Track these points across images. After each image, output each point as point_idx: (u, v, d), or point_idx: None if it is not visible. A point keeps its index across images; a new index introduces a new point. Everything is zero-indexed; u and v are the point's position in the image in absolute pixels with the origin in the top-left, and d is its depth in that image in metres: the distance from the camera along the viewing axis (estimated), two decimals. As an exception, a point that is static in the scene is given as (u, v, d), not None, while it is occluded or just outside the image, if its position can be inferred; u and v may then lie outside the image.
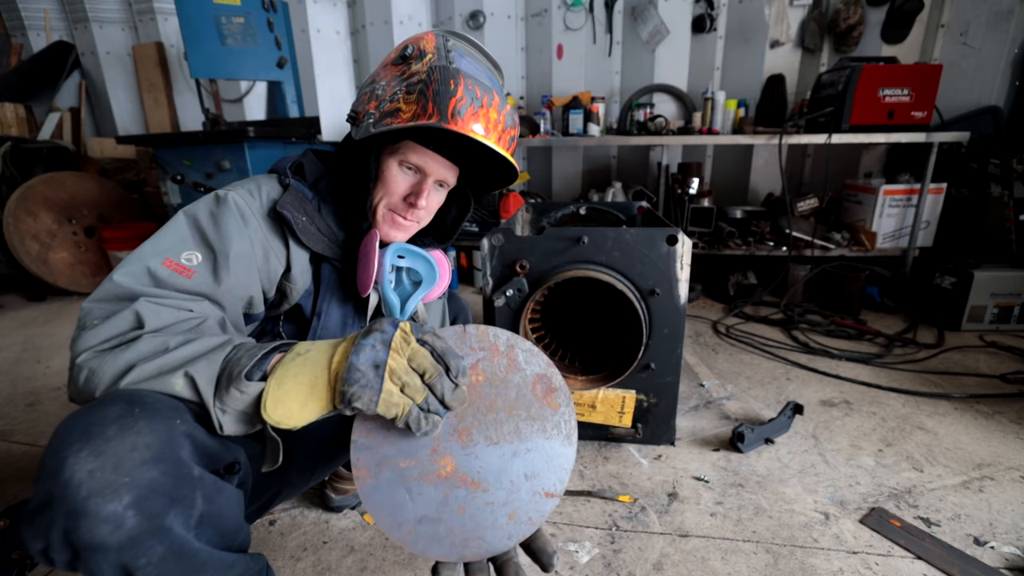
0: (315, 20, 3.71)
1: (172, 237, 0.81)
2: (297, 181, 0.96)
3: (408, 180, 0.96)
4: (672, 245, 1.38)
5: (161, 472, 0.59)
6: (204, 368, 0.66)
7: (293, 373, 0.65)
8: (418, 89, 0.86)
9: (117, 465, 0.57)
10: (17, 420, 1.81)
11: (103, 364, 0.67)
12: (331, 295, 1.00)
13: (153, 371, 0.66)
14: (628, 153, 3.73)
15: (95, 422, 0.59)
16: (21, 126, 3.76)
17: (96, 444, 0.57)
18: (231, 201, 0.85)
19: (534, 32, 3.67)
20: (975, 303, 2.43)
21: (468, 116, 0.86)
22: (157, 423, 0.61)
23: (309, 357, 0.66)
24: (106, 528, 0.55)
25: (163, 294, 0.75)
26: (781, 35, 3.22)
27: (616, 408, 1.57)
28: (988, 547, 1.18)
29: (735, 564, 1.14)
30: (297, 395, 0.64)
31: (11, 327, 2.81)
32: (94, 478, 0.55)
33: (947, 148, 2.82)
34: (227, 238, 0.83)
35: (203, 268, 0.80)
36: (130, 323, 0.71)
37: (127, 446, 0.58)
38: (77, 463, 0.56)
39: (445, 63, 0.88)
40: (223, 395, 0.65)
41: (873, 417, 1.74)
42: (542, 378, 0.73)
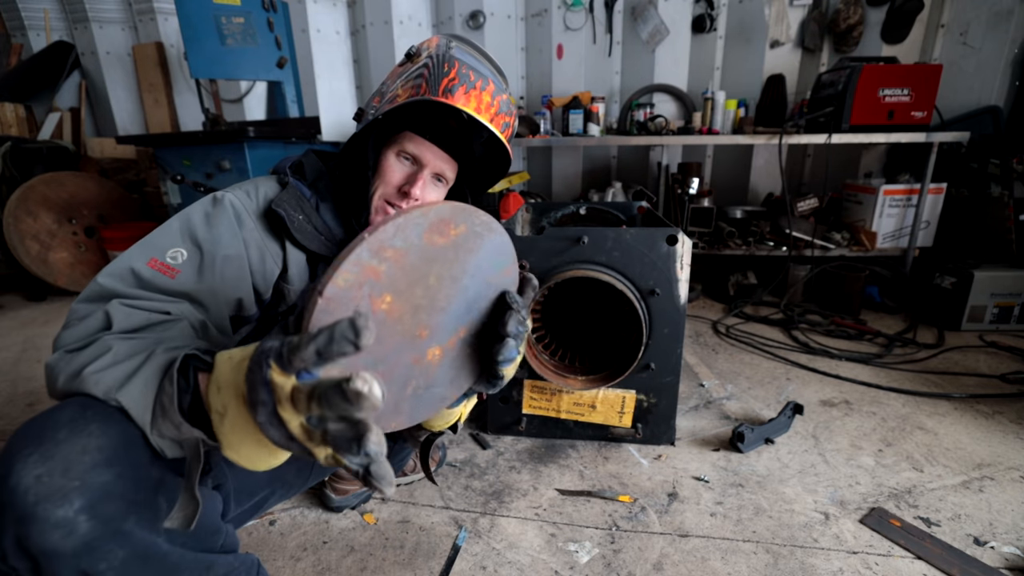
0: (315, 20, 3.70)
1: (163, 236, 0.80)
2: (296, 180, 0.96)
3: (404, 170, 0.96)
4: (672, 245, 1.38)
5: (116, 475, 0.57)
6: (140, 395, 0.60)
7: (238, 440, 0.56)
8: (415, 74, 0.90)
9: (66, 469, 0.55)
10: (17, 420, 1.81)
11: (61, 367, 0.65)
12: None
13: (89, 383, 0.62)
14: (628, 153, 3.73)
15: (47, 426, 0.58)
16: (21, 126, 3.76)
17: (46, 448, 0.55)
18: (227, 202, 0.85)
19: (534, 32, 3.67)
20: (975, 303, 2.43)
21: (459, 95, 0.88)
22: (111, 425, 0.59)
23: (235, 422, 0.55)
24: (57, 534, 0.53)
25: (141, 295, 0.74)
26: (781, 35, 3.22)
27: (616, 408, 1.57)
28: (988, 547, 1.18)
29: (735, 564, 1.14)
30: (258, 454, 0.57)
31: (11, 327, 2.81)
32: (41, 483, 0.54)
33: (947, 148, 2.82)
34: (218, 239, 0.82)
35: (187, 266, 0.79)
36: (99, 324, 0.68)
37: (77, 448, 0.56)
38: (25, 468, 0.54)
39: (444, 51, 0.91)
40: (160, 426, 0.60)
41: (873, 417, 1.74)
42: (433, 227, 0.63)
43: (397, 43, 3.67)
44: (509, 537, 1.23)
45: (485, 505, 1.34)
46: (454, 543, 1.21)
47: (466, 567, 1.14)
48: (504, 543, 1.21)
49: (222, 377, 0.56)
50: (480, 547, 1.20)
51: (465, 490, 1.40)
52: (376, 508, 1.34)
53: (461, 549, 1.19)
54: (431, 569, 1.13)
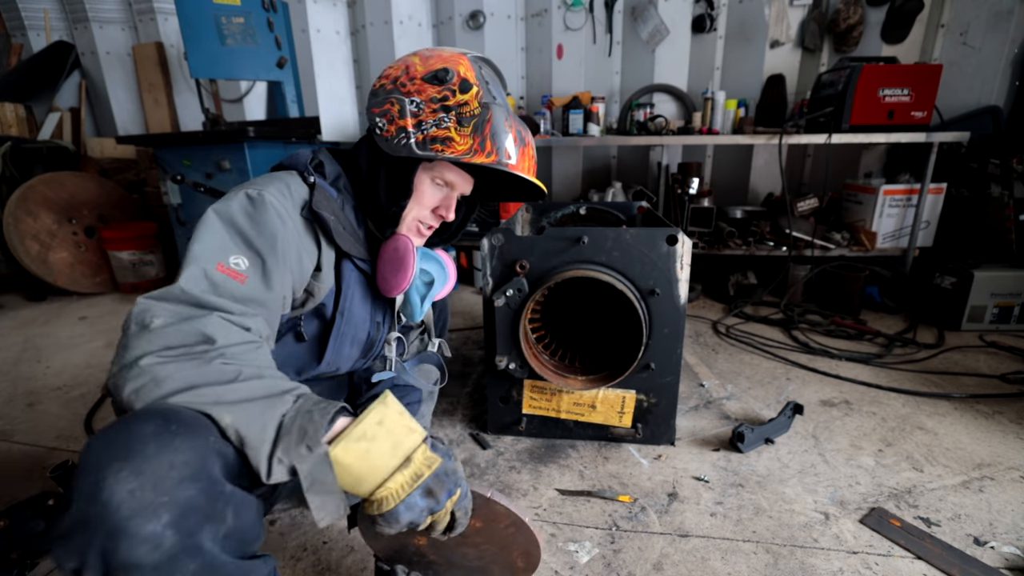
0: (315, 20, 3.70)
1: (216, 240, 0.79)
2: (321, 179, 0.97)
3: (439, 195, 1.01)
4: (672, 245, 1.38)
5: (198, 490, 0.60)
6: (259, 416, 0.68)
7: (352, 460, 0.70)
8: (473, 124, 0.92)
9: (156, 484, 0.57)
10: (17, 420, 1.81)
11: (166, 374, 0.66)
12: (353, 293, 1.01)
13: (210, 399, 0.66)
14: (628, 153, 3.73)
15: (133, 439, 0.59)
16: (21, 126, 3.76)
17: (136, 463, 0.57)
18: (268, 202, 0.85)
19: (534, 32, 3.67)
20: (975, 303, 2.43)
21: (519, 158, 0.96)
22: (194, 440, 0.62)
23: (372, 454, 0.71)
24: (145, 548, 0.55)
25: (228, 305, 0.75)
26: (781, 35, 3.22)
27: (616, 408, 1.57)
28: (988, 547, 1.18)
29: (735, 564, 1.14)
30: (347, 479, 0.70)
31: (11, 327, 2.81)
32: (135, 498, 0.56)
33: (947, 148, 2.82)
34: (271, 241, 0.83)
35: (252, 273, 0.80)
36: (198, 335, 0.70)
37: (165, 464, 0.58)
38: (117, 483, 0.56)
39: (491, 99, 0.94)
40: (290, 449, 0.67)
41: (873, 417, 1.74)
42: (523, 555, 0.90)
43: (397, 43, 3.67)
44: (509, 537, 1.23)
45: (485, 505, 1.34)
46: (454, 543, 1.21)
47: (466, 567, 1.14)
48: (504, 543, 1.21)
49: (390, 421, 0.73)
50: (480, 547, 1.20)
51: (465, 490, 1.40)
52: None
53: (461, 549, 1.19)
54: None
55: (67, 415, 1.83)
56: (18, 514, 1.15)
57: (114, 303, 3.23)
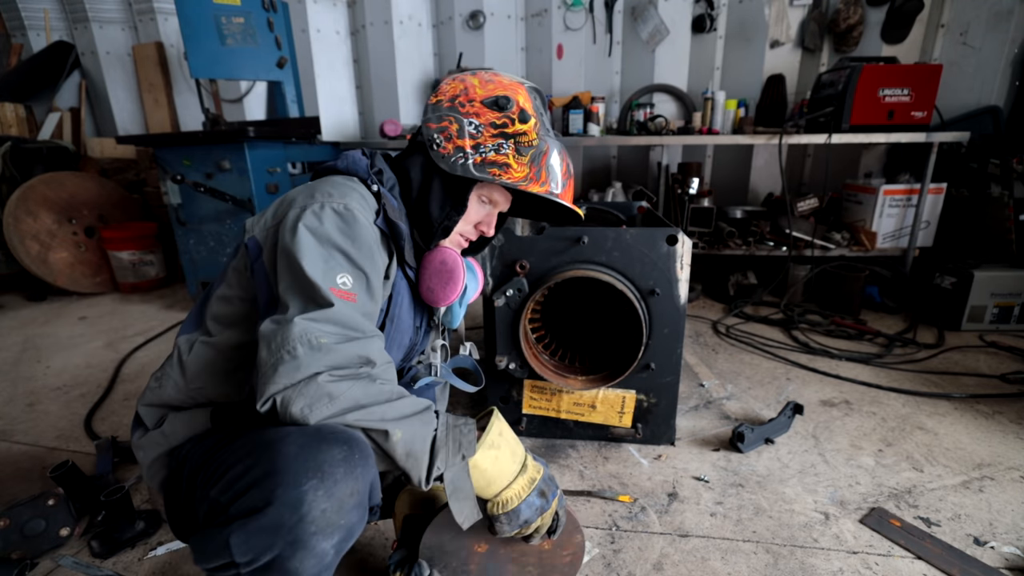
0: (315, 20, 3.70)
1: (318, 259, 0.80)
2: (384, 189, 0.98)
3: (483, 211, 1.06)
4: (672, 245, 1.38)
5: (359, 516, 0.69)
6: (420, 430, 0.78)
7: (484, 466, 0.83)
8: (531, 155, 0.98)
9: (340, 508, 0.66)
10: (17, 420, 1.81)
11: (339, 392, 0.72)
12: (403, 300, 1.03)
13: (377, 417, 0.74)
14: (628, 153, 3.73)
15: (326, 460, 0.66)
16: (21, 126, 3.76)
17: (328, 484, 0.65)
18: (357, 215, 0.86)
19: (534, 32, 3.67)
20: (975, 303, 2.43)
21: (567, 190, 1.04)
22: (367, 470, 0.71)
23: (501, 460, 0.85)
24: (312, 562, 0.64)
25: (370, 330, 0.81)
26: (781, 35, 3.22)
27: (616, 408, 1.57)
28: (988, 547, 1.18)
29: (735, 564, 1.14)
30: (478, 481, 0.83)
31: (11, 327, 2.81)
32: (324, 517, 0.64)
33: (947, 148, 2.82)
34: (369, 256, 0.86)
35: (359, 290, 0.82)
36: (361, 359, 0.77)
37: (348, 491, 0.67)
38: (316, 500, 0.64)
39: (546, 133, 1.01)
40: (449, 456, 0.79)
41: (873, 417, 1.74)
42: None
43: (397, 43, 3.67)
44: (509, 537, 1.23)
45: (485, 505, 1.34)
46: (454, 543, 1.21)
47: (466, 567, 1.14)
48: (504, 543, 1.21)
49: (507, 432, 0.89)
50: (480, 547, 1.20)
51: (465, 490, 1.40)
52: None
53: (461, 549, 1.19)
54: (431, 569, 1.13)
55: (67, 415, 1.83)
56: (18, 514, 1.15)
57: (114, 303, 3.23)
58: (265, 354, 0.74)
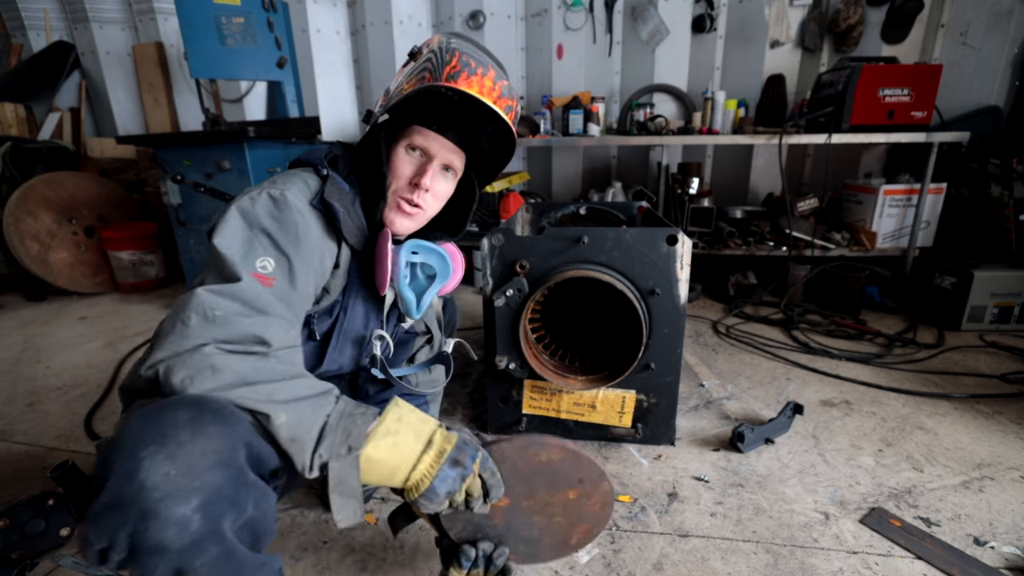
0: (315, 20, 3.70)
1: (241, 244, 0.80)
2: (335, 173, 0.98)
3: (414, 163, 0.99)
4: (672, 245, 1.38)
5: (225, 477, 0.62)
6: (309, 415, 0.72)
7: (382, 456, 0.76)
8: (420, 68, 0.93)
9: (189, 469, 0.59)
10: (17, 420, 1.81)
11: (224, 365, 0.69)
12: (356, 291, 1.01)
13: (263, 396, 0.70)
14: (628, 153, 3.73)
15: (168, 424, 0.61)
16: (21, 126, 3.76)
17: (171, 448, 0.59)
18: (292, 202, 0.85)
19: (534, 32, 3.67)
20: (975, 303, 2.43)
21: (462, 80, 0.91)
22: (224, 427, 0.64)
23: (400, 445, 0.77)
24: (173, 531, 0.57)
25: (278, 311, 0.78)
26: (781, 35, 3.22)
27: (616, 408, 1.57)
28: (988, 547, 1.18)
29: (735, 564, 1.14)
30: (380, 473, 0.76)
31: (11, 327, 2.81)
32: (169, 481, 0.58)
33: (947, 148, 2.82)
34: (296, 243, 0.84)
35: (279, 274, 0.81)
36: (256, 335, 0.74)
37: (198, 450, 0.60)
38: (154, 465, 0.58)
39: (446, 45, 0.94)
40: (333, 446, 0.72)
41: (873, 417, 1.74)
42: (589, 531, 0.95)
43: (397, 43, 3.67)
44: (509, 537, 1.23)
45: (485, 505, 1.34)
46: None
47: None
48: (504, 543, 1.21)
49: (407, 415, 0.80)
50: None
51: (465, 490, 1.40)
52: (376, 508, 1.34)
53: (461, 549, 1.19)
54: (431, 569, 1.13)
55: (67, 415, 1.83)
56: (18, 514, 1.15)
57: (114, 303, 3.23)
58: (165, 322, 0.73)
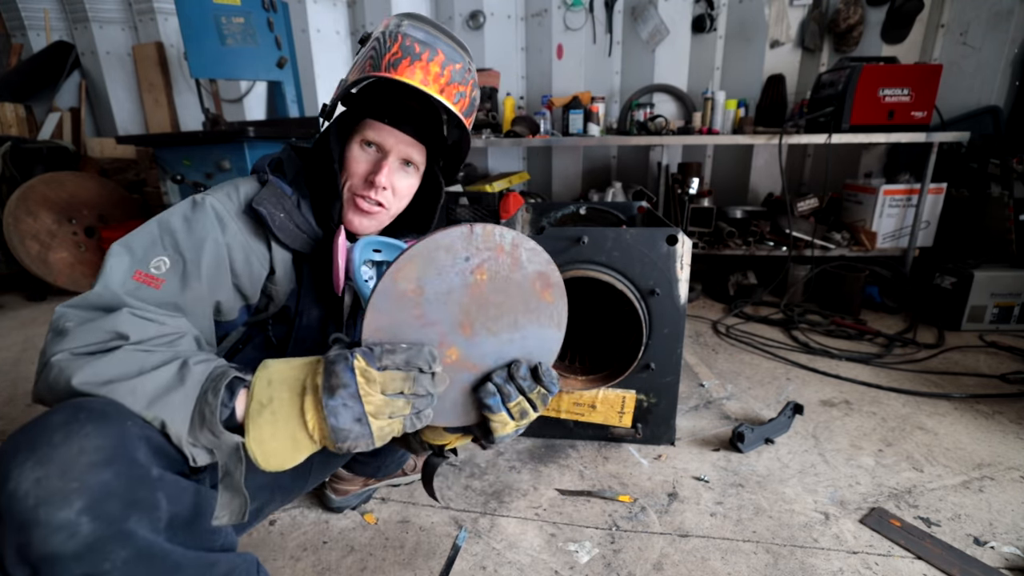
0: (315, 20, 3.70)
1: (143, 243, 0.78)
2: (276, 177, 0.94)
3: (369, 159, 0.94)
4: (672, 245, 1.38)
5: (114, 474, 0.56)
6: (180, 405, 0.64)
7: (270, 433, 0.64)
8: (364, 57, 0.90)
9: (64, 471, 0.54)
10: (17, 420, 1.81)
11: (77, 367, 0.63)
12: (309, 294, 0.97)
13: (126, 393, 0.63)
14: (628, 153, 3.73)
15: (41, 431, 0.56)
16: (21, 126, 3.76)
17: (42, 452, 0.55)
18: (208, 205, 0.83)
19: (534, 32, 3.67)
20: (975, 303, 2.43)
21: (403, 67, 0.85)
22: (107, 426, 0.58)
23: (278, 412, 0.65)
24: (59, 537, 0.53)
25: (142, 306, 0.72)
26: (781, 35, 3.22)
27: (616, 408, 1.57)
28: (988, 547, 1.18)
29: (735, 564, 1.14)
30: (283, 449, 0.65)
31: (11, 327, 2.81)
32: (40, 486, 0.53)
33: (947, 148, 2.82)
34: (199, 244, 0.80)
35: (171, 275, 0.77)
36: (111, 333, 0.67)
37: (74, 450, 0.55)
38: (22, 473, 0.53)
39: (392, 30, 0.88)
40: (196, 434, 0.63)
41: (873, 417, 1.74)
42: (541, 275, 0.76)
43: (397, 43, 3.67)
44: (509, 537, 1.23)
45: (485, 505, 1.34)
46: (454, 543, 1.21)
47: (466, 567, 1.14)
48: (504, 543, 1.21)
49: (277, 374, 0.67)
50: (480, 547, 1.20)
51: (465, 490, 1.40)
52: (376, 508, 1.34)
53: (461, 549, 1.19)
54: (431, 569, 1.13)
55: (67, 415, 1.83)
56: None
57: (114, 303, 3.23)
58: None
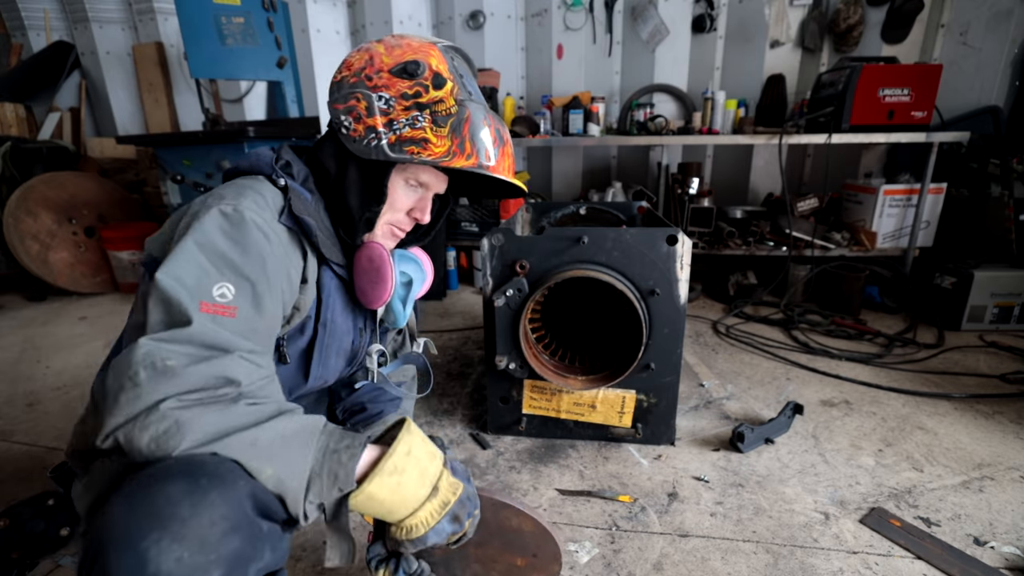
0: (315, 20, 3.70)
1: (191, 272, 0.70)
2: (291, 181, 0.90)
3: (413, 196, 0.96)
4: (672, 245, 1.38)
5: (241, 539, 0.59)
6: (298, 461, 0.67)
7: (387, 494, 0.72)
8: (451, 124, 0.86)
9: (202, 546, 0.56)
10: (17, 420, 1.81)
11: (190, 418, 0.62)
12: (334, 303, 0.96)
13: (241, 449, 0.64)
14: (628, 153, 3.73)
15: (163, 504, 0.56)
16: (21, 126, 3.76)
17: (174, 528, 0.55)
18: (248, 219, 0.76)
19: (534, 32, 3.67)
20: (975, 303, 2.43)
21: (499, 158, 0.92)
22: (227, 490, 0.60)
23: (404, 485, 0.73)
24: None
25: (241, 345, 0.71)
26: (781, 35, 3.22)
27: (616, 408, 1.57)
28: (988, 547, 1.18)
29: (735, 564, 1.14)
30: (381, 508, 0.73)
31: (11, 327, 2.81)
32: (182, 564, 0.54)
33: (947, 148, 2.82)
34: (260, 263, 0.76)
35: (241, 301, 0.73)
36: (220, 378, 0.66)
37: (205, 522, 0.57)
38: (161, 554, 0.53)
39: (467, 96, 0.89)
40: (320, 490, 0.68)
41: (873, 417, 1.74)
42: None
43: (396, 43, 3.67)
44: (509, 537, 1.23)
45: (485, 505, 1.34)
46: (454, 543, 1.21)
47: (466, 567, 1.14)
48: (504, 543, 1.21)
49: (416, 449, 0.76)
50: (480, 547, 1.20)
51: (465, 490, 1.40)
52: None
53: (461, 549, 1.19)
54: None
55: (67, 415, 1.83)
56: (18, 514, 1.15)
57: (114, 303, 3.23)
58: (108, 380, 0.63)
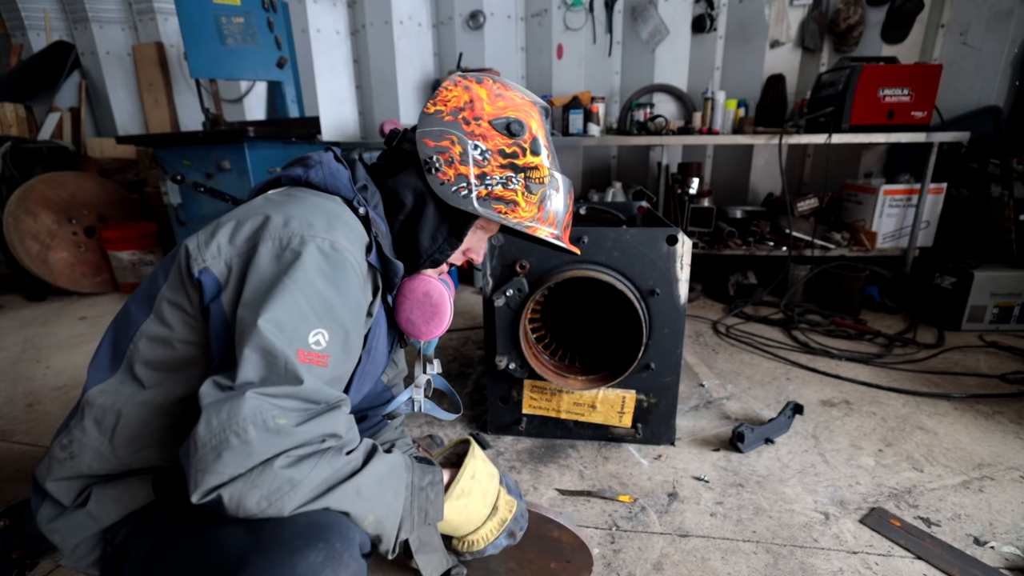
0: (315, 20, 3.70)
1: (291, 317, 0.67)
2: (373, 212, 0.85)
3: (475, 240, 0.99)
4: (672, 245, 1.38)
5: None
6: (390, 505, 0.75)
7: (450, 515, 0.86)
8: (541, 193, 0.89)
9: None
10: (17, 420, 1.81)
11: (302, 476, 0.64)
12: (380, 331, 0.93)
13: (348, 499, 0.69)
14: (628, 153, 3.73)
15: (306, 570, 0.61)
16: (21, 126, 3.76)
17: None
18: (347, 260, 0.73)
19: (534, 32, 3.67)
20: (975, 303, 2.43)
21: (567, 229, 0.99)
22: (351, 546, 0.67)
23: (469, 508, 0.89)
24: None
25: (336, 398, 0.72)
26: (781, 35, 3.22)
27: (616, 408, 1.57)
28: (988, 547, 1.18)
29: (735, 564, 1.14)
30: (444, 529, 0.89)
31: (11, 327, 2.81)
32: None
33: (947, 148, 2.82)
34: (355, 311, 0.74)
35: (334, 350, 0.71)
36: (322, 435, 0.68)
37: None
38: None
39: (554, 166, 0.92)
40: (412, 527, 0.78)
41: (873, 417, 1.74)
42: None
43: (397, 43, 3.67)
44: (509, 537, 1.23)
45: (485, 505, 1.34)
46: (454, 543, 1.21)
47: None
48: (504, 543, 1.21)
49: (479, 472, 0.91)
50: (480, 547, 1.20)
51: (465, 490, 1.40)
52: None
53: (461, 549, 1.19)
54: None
55: (67, 415, 1.83)
56: (18, 514, 1.15)
57: (114, 303, 3.23)
58: (204, 432, 0.60)
